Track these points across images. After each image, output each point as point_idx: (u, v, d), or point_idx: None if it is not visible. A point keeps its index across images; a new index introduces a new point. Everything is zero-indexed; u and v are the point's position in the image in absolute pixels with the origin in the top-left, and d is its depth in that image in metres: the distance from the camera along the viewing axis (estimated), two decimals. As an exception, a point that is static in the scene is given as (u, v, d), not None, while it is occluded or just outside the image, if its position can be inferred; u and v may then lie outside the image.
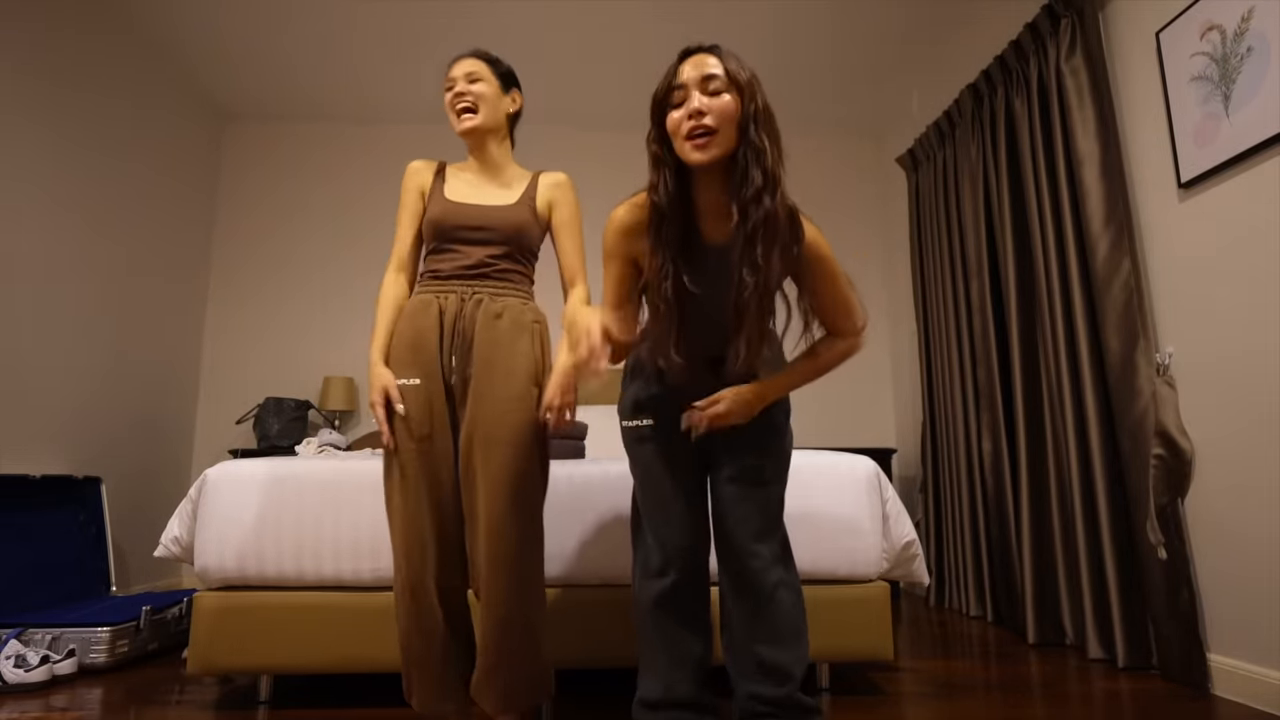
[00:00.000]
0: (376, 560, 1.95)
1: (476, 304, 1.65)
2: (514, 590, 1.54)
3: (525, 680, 1.58)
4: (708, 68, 1.35)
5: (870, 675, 2.25)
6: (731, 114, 1.34)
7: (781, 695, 1.46)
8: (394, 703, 1.99)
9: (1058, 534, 2.64)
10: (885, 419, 4.42)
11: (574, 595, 2.00)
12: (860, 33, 3.64)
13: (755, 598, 1.48)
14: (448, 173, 1.78)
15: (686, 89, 1.35)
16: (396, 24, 3.55)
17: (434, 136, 4.51)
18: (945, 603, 3.43)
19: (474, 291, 1.66)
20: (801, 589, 1.54)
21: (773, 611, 1.48)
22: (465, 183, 1.76)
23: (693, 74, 1.35)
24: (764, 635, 1.48)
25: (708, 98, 1.34)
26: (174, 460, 3.93)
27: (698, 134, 1.34)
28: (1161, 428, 2.21)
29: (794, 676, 1.47)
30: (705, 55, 1.37)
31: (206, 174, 4.26)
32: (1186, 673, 2.12)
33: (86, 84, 3.24)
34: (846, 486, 2.08)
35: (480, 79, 1.71)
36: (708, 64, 1.35)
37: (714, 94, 1.34)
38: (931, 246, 3.62)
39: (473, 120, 1.70)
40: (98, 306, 3.32)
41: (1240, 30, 2.03)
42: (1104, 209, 2.41)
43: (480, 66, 1.72)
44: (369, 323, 4.35)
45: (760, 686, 1.47)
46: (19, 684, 2.09)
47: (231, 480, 2.00)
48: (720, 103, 1.34)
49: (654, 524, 1.54)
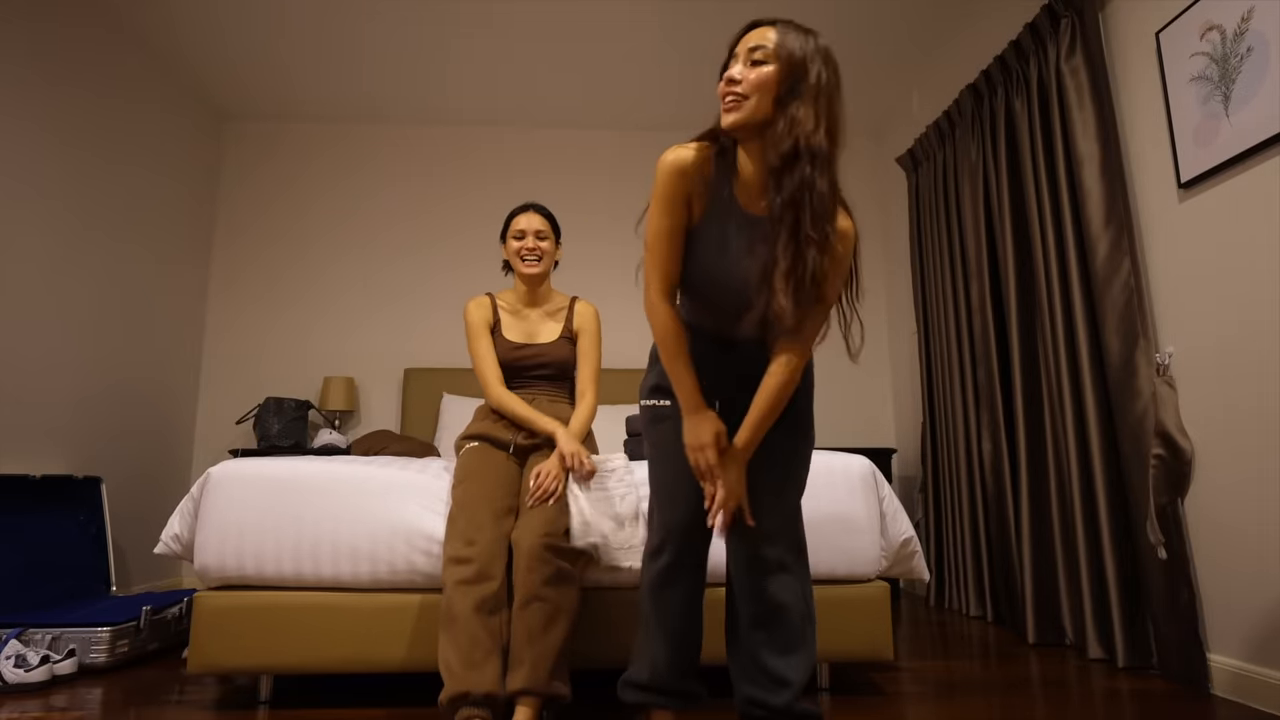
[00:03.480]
0: (376, 561, 1.95)
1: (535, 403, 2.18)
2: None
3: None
4: (757, 39, 1.36)
5: (870, 675, 2.25)
6: (766, 84, 1.34)
7: (780, 705, 1.44)
8: (394, 703, 1.99)
9: (1058, 534, 2.64)
10: (885, 419, 4.42)
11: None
12: (860, 33, 3.64)
13: (761, 601, 1.47)
14: (499, 307, 2.25)
15: (736, 58, 1.38)
16: (397, 24, 3.55)
17: (435, 137, 4.52)
18: (945, 603, 3.43)
19: (534, 398, 2.19)
20: (812, 596, 1.51)
21: (779, 617, 1.46)
22: (517, 316, 2.27)
23: (744, 45, 1.38)
24: (766, 640, 1.47)
25: (749, 67, 1.36)
26: (174, 460, 3.93)
27: (728, 98, 1.36)
28: (1161, 428, 2.21)
29: (793, 684, 1.45)
30: (766, 29, 1.38)
31: (207, 174, 4.26)
32: (1186, 673, 2.12)
33: (86, 84, 3.24)
34: (843, 486, 2.08)
35: (547, 237, 2.23)
36: (760, 37, 1.37)
37: (756, 64, 1.35)
38: (931, 247, 3.62)
39: (536, 269, 2.21)
40: (98, 306, 3.32)
41: (1240, 30, 2.03)
42: (1104, 209, 2.41)
43: (546, 226, 2.24)
44: (369, 322, 4.38)
45: (761, 692, 1.46)
46: (19, 684, 2.09)
47: (235, 479, 2.00)
48: (758, 72, 1.35)
49: (660, 501, 1.55)
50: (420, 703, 1.98)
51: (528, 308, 2.27)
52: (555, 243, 2.26)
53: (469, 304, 2.24)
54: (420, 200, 4.45)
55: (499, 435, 2.10)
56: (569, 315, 2.26)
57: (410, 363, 4.27)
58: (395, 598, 1.96)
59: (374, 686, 2.12)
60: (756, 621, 1.48)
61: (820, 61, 1.35)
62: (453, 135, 4.53)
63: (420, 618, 1.94)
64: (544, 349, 2.20)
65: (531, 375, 2.20)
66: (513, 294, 2.29)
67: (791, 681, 1.44)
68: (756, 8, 3.42)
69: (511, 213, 2.27)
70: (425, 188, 4.47)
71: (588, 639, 1.96)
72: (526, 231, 2.20)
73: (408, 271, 4.36)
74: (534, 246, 2.20)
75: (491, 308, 2.25)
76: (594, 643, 1.97)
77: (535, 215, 2.23)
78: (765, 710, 1.46)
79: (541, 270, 2.22)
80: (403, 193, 4.45)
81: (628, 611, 1.99)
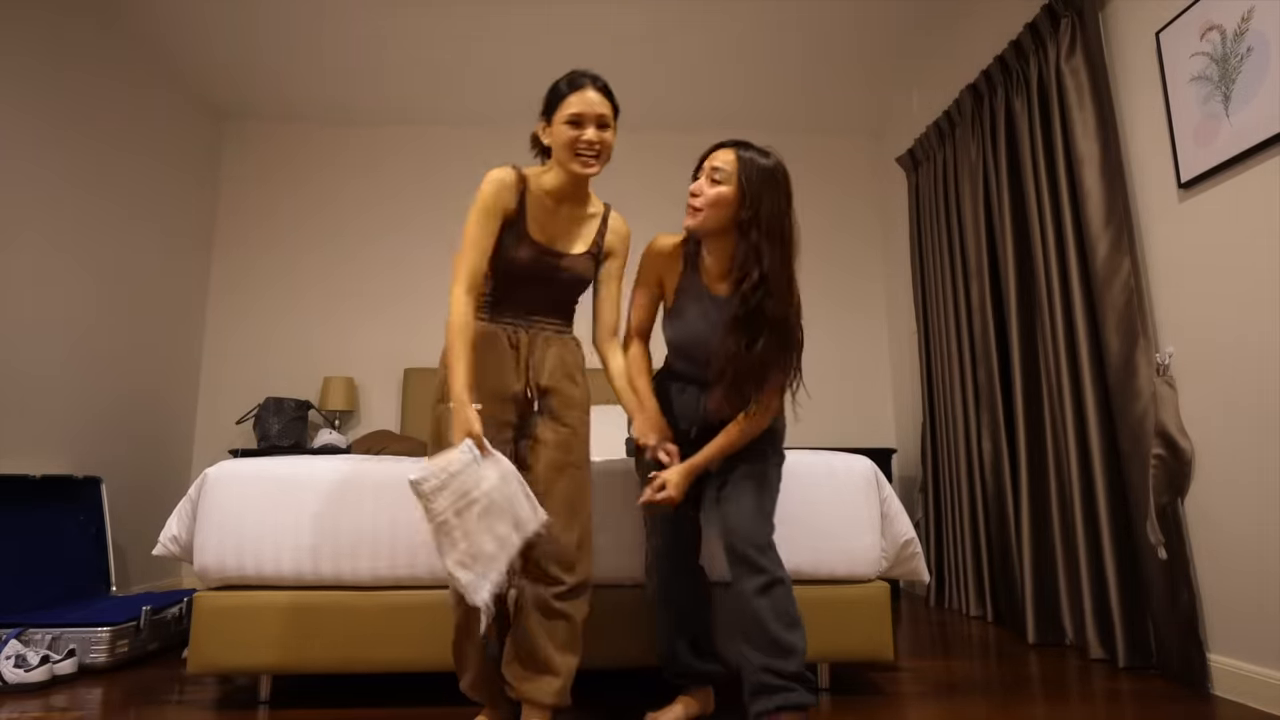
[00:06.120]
0: (376, 560, 1.95)
1: (545, 341, 1.75)
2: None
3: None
4: (720, 160, 1.67)
5: (870, 675, 2.25)
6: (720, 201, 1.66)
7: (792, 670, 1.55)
8: (394, 703, 1.99)
9: (1058, 534, 2.64)
10: (885, 419, 4.42)
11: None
12: (860, 33, 3.64)
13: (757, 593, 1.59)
14: (529, 195, 1.71)
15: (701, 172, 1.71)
16: (399, 25, 3.55)
17: (436, 137, 4.52)
18: (945, 603, 3.43)
19: (542, 329, 1.76)
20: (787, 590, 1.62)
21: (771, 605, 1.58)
22: (546, 212, 1.73)
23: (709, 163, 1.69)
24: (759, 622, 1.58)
25: (710, 184, 1.67)
26: (174, 460, 3.93)
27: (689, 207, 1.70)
28: (1161, 428, 2.21)
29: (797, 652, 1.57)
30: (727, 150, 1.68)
31: (207, 174, 4.26)
32: (1186, 673, 2.11)
33: (86, 86, 3.25)
34: (844, 486, 2.08)
35: (608, 126, 1.69)
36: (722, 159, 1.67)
37: (715, 183, 1.66)
38: (931, 246, 3.62)
39: (594, 169, 1.69)
40: (98, 307, 3.32)
41: (1240, 30, 2.03)
42: (1104, 209, 2.41)
43: (610, 111, 1.69)
44: (369, 323, 4.39)
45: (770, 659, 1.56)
46: (19, 684, 2.09)
47: (232, 479, 2.00)
48: (716, 191, 1.66)
49: (647, 527, 1.87)
50: (420, 703, 1.98)
51: (558, 204, 1.74)
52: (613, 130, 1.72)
53: (492, 175, 1.67)
54: (421, 200, 4.45)
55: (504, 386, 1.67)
56: (602, 228, 1.80)
57: (410, 363, 4.27)
58: (395, 597, 1.96)
59: (374, 686, 2.12)
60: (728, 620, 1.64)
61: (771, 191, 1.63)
62: (454, 135, 4.53)
63: (420, 617, 1.94)
64: (570, 262, 1.74)
65: (541, 291, 1.74)
66: (549, 178, 1.73)
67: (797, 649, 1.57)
68: (757, 8, 3.42)
69: (563, 86, 1.68)
70: (426, 188, 4.46)
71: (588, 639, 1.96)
72: (586, 118, 1.65)
73: (408, 272, 4.36)
74: (595, 139, 1.65)
75: (519, 193, 1.69)
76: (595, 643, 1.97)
77: (598, 95, 1.67)
78: (782, 677, 1.55)
79: (600, 169, 1.70)
80: (404, 193, 4.45)
81: (628, 611, 1.99)
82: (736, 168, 1.64)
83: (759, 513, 1.67)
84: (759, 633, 1.55)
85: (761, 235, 1.61)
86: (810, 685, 1.56)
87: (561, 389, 1.72)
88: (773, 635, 1.55)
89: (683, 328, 1.80)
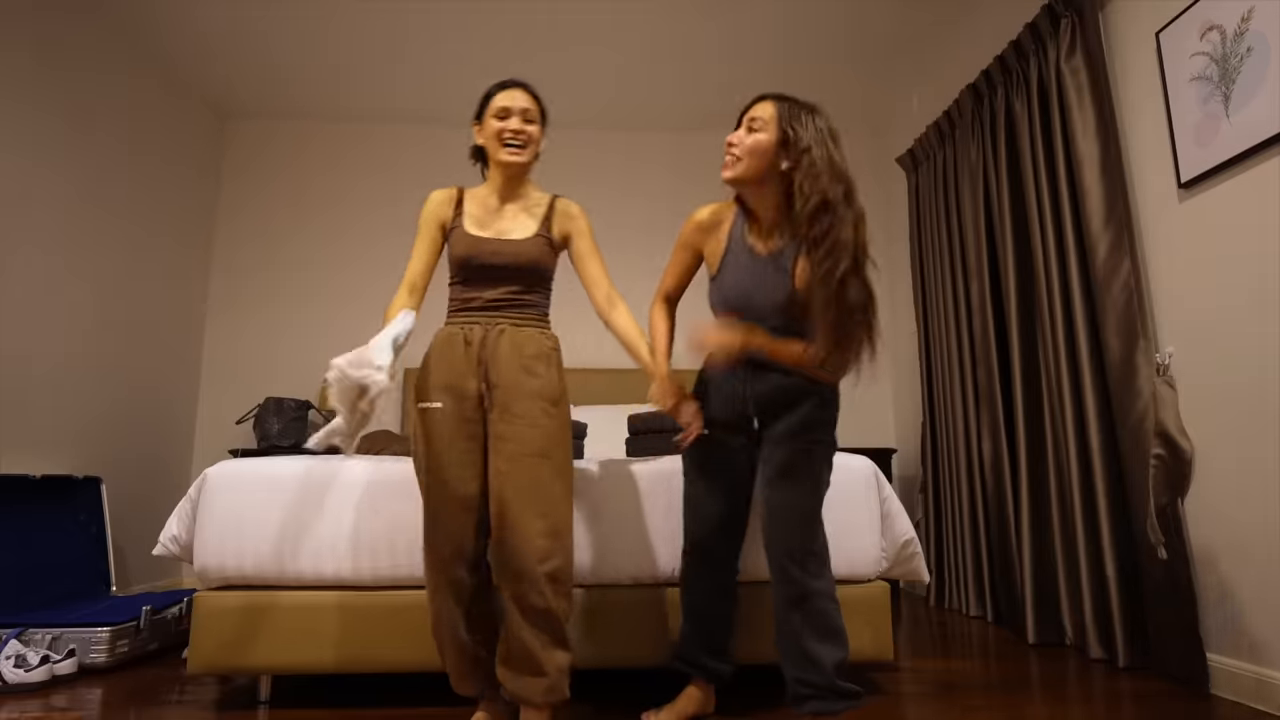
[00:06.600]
0: (376, 560, 1.95)
1: (500, 334, 1.75)
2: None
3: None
4: (758, 111, 1.69)
5: (870, 675, 2.25)
6: (757, 149, 1.65)
7: (823, 682, 1.61)
8: (394, 703, 1.99)
9: (1058, 534, 2.64)
10: (885, 419, 4.42)
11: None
12: (860, 33, 3.64)
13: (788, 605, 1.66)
14: (466, 203, 1.86)
15: (740, 124, 1.71)
16: (400, 24, 3.55)
17: (437, 137, 4.52)
18: (945, 603, 3.43)
19: (497, 323, 1.76)
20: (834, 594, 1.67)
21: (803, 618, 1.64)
22: (486, 211, 1.85)
23: (748, 115, 1.70)
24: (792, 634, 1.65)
25: (746, 133, 1.68)
26: (174, 460, 3.93)
27: (726, 157, 1.70)
28: (1161, 428, 2.21)
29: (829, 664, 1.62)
30: (767, 102, 1.69)
31: (207, 174, 4.26)
32: (1186, 673, 2.11)
33: (86, 87, 3.25)
34: (844, 486, 2.08)
35: (534, 120, 1.83)
36: (760, 109, 1.69)
37: (752, 131, 1.67)
38: (931, 246, 3.62)
39: (521, 156, 1.81)
40: (98, 307, 3.32)
41: (1240, 30, 2.03)
42: (1104, 209, 2.41)
43: (535, 107, 1.84)
44: (369, 323, 4.38)
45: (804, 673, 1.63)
46: (19, 684, 2.09)
47: (232, 480, 2.00)
48: (753, 138, 1.66)
49: (688, 513, 1.84)
50: (420, 703, 1.98)
51: (501, 203, 1.86)
52: (542, 129, 1.87)
53: (431, 194, 1.89)
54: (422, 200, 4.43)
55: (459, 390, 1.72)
56: (549, 213, 1.86)
57: (410, 363, 4.27)
58: (395, 597, 1.96)
59: (374, 686, 2.12)
60: (785, 620, 1.67)
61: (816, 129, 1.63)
62: (456, 136, 4.52)
63: (420, 617, 1.93)
64: (513, 245, 1.78)
65: (494, 280, 1.77)
66: (485, 188, 1.89)
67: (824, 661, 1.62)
68: (757, 8, 3.42)
69: (492, 88, 1.86)
70: (428, 188, 4.42)
71: (587, 639, 1.96)
72: (511, 110, 1.80)
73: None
74: (520, 129, 1.79)
75: (455, 202, 1.86)
76: (594, 642, 1.97)
77: (522, 92, 1.83)
78: (811, 688, 1.62)
79: (526, 159, 1.82)
80: (404, 193, 4.45)
81: (626, 611, 1.99)
82: (775, 114, 1.65)
83: (799, 515, 1.66)
84: (790, 645, 1.65)
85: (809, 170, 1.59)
86: (843, 692, 1.62)
87: (513, 381, 1.70)
88: (801, 648, 1.63)
89: (727, 288, 1.76)
